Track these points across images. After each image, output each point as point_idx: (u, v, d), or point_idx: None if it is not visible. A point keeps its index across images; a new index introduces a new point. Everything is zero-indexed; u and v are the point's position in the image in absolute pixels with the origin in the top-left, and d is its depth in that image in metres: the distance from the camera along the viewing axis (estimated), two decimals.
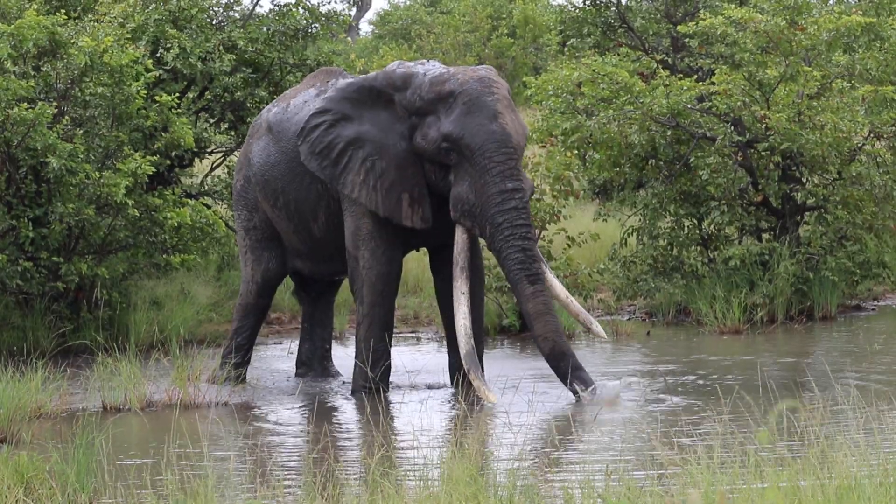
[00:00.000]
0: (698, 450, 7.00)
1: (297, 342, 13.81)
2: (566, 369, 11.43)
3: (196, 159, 17.76)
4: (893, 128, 16.24)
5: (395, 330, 12.53)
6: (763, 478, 6.81)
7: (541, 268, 11.63)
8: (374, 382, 11.87)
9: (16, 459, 8.59)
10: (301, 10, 17.46)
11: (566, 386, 11.42)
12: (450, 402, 11.89)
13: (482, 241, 12.40)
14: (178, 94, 15.73)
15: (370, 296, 12.06)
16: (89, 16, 16.41)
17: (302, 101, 12.70)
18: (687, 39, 17.85)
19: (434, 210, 11.96)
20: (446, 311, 12.36)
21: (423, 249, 12.81)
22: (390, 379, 12.29)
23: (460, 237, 11.85)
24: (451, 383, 12.34)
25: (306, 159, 12.19)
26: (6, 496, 8.09)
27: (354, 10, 43.35)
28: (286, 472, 9.33)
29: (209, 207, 16.77)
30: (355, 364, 12.18)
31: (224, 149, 17.86)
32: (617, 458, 8.68)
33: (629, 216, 17.02)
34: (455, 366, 12.30)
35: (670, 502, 6.55)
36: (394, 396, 11.97)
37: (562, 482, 7.50)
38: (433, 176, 11.92)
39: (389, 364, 12.16)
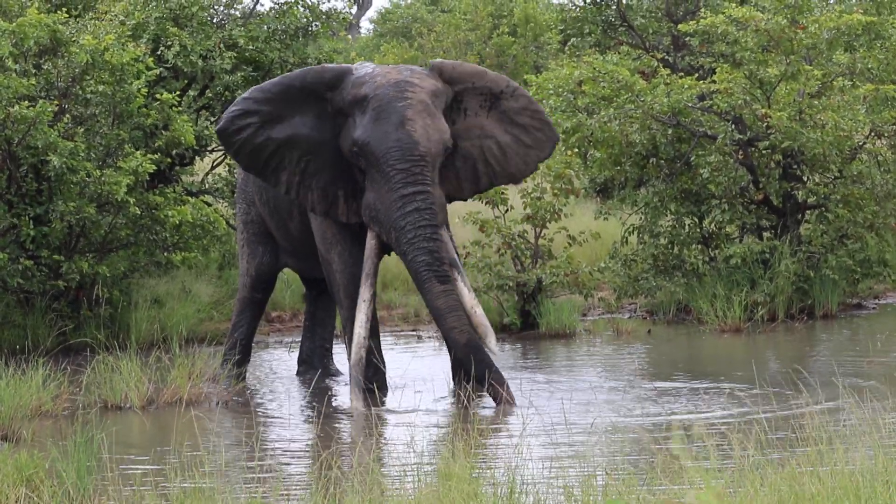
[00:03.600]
0: (696, 449, 7.00)
1: (299, 340, 13.82)
2: (482, 362, 11.17)
3: (197, 157, 17.77)
4: (894, 126, 16.24)
5: (396, 328, 12.51)
6: (763, 478, 6.81)
7: (449, 269, 11.38)
8: (367, 382, 11.84)
9: (16, 457, 8.60)
10: (302, 9, 17.47)
11: (478, 380, 11.16)
12: (450, 400, 11.88)
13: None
14: (178, 93, 15.74)
15: (346, 299, 12.02)
16: (90, 14, 16.42)
17: None
18: (688, 38, 17.85)
19: None
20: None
21: None
22: (388, 377, 12.26)
23: (370, 243, 11.70)
24: (453, 380, 12.33)
25: (230, 153, 12.07)
26: (7, 494, 8.09)
27: (355, 8, 43.36)
28: (286, 471, 9.33)
29: (210, 205, 16.77)
30: (350, 363, 12.16)
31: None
32: (618, 457, 8.68)
33: (630, 215, 17.01)
34: (455, 363, 12.28)
35: (670, 501, 6.55)
36: (393, 395, 11.97)
37: (562, 480, 7.49)
38: (358, 177, 11.79)
39: (382, 360, 12.10)
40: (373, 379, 11.87)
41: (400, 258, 11.70)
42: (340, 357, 13.66)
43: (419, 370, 12.99)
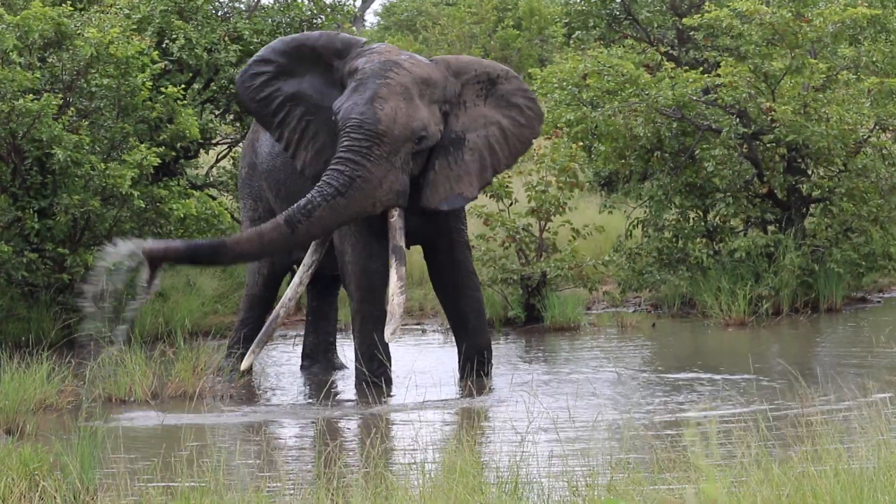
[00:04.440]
0: (701, 445, 7.00)
1: (303, 334, 13.81)
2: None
3: (201, 150, 17.77)
4: None
5: (401, 322, 12.48)
6: (767, 473, 6.81)
7: (303, 225, 11.30)
8: (372, 377, 11.85)
9: (21, 451, 8.61)
10: (306, 2, 17.46)
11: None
12: (455, 394, 11.89)
13: (471, 237, 12.37)
14: (183, 86, 15.73)
15: (357, 292, 12.06)
16: (95, 7, 16.40)
17: None
18: (692, 31, 17.83)
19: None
20: (446, 307, 12.40)
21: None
22: (393, 371, 12.27)
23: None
24: (459, 373, 12.34)
25: (243, 100, 12.23)
26: (11, 488, 8.10)
27: (360, 1, 43.35)
28: (291, 465, 9.34)
29: (214, 199, 16.76)
30: (356, 357, 12.18)
31: (229, 140, 17.86)
32: (622, 452, 8.68)
33: (634, 208, 17.00)
34: (464, 357, 12.30)
35: (673, 496, 6.55)
36: (398, 389, 11.97)
37: (566, 474, 7.49)
38: None
39: (389, 355, 12.12)
40: (378, 373, 11.88)
41: None
42: (344, 351, 13.66)
43: (424, 364, 12.99)
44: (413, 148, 11.59)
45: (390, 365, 12.05)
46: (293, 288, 11.93)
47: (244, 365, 11.88)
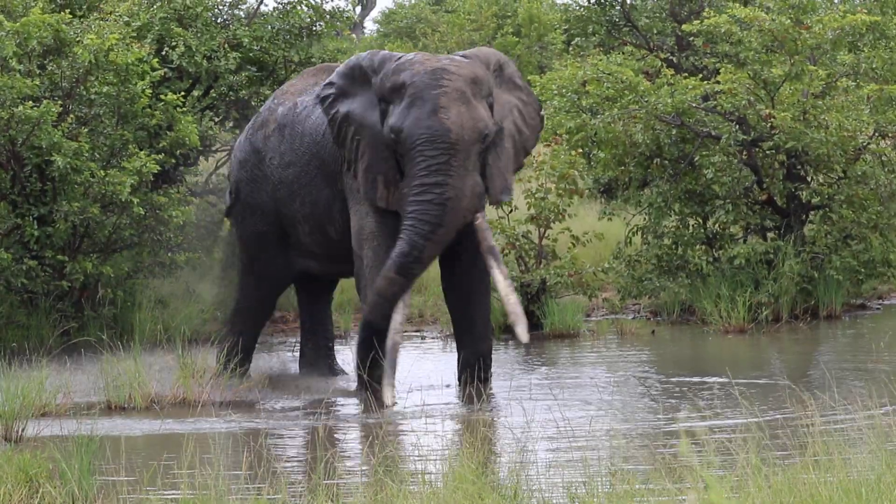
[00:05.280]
0: (700, 453, 6.99)
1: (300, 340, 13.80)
2: (366, 342, 11.61)
3: (201, 157, 17.76)
4: None
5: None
6: (767, 478, 6.80)
7: (419, 269, 11.52)
8: (374, 382, 11.85)
9: (20, 457, 8.60)
10: (306, 8, 17.46)
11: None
12: (454, 400, 11.88)
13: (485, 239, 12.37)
14: (183, 93, 15.73)
15: (372, 297, 12.05)
16: (94, 14, 16.40)
17: (311, 101, 12.66)
18: (692, 38, 17.82)
19: None
20: (454, 312, 12.37)
21: None
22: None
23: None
24: (458, 380, 12.33)
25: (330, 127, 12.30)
26: (11, 494, 8.09)
27: (359, 7, 43.37)
28: (291, 471, 9.33)
29: (214, 206, 16.76)
30: (357, 363, 12.16)
31: (229, 147, 17.84)
32: (622, 459, 8.67)
33: (634, 215, 17.00)
34: (464, 364, 12.29)
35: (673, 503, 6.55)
36: (398, 395, 11.96)
37: (566, 482, 7.49)
38: (401, 164, 11.87)
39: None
40: (381, 380, 11.87)
41: None
42: (343, 356, 13.66)
43: (423, 371, 12.98)
44: (479, 148, 11.69)
45: (395, 373, 12.04)
46: (401, 312, 11.75)
47: (389, 400, 11.54)
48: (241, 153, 13.13)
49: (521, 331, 11.66)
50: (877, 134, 16.34)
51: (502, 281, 11.71)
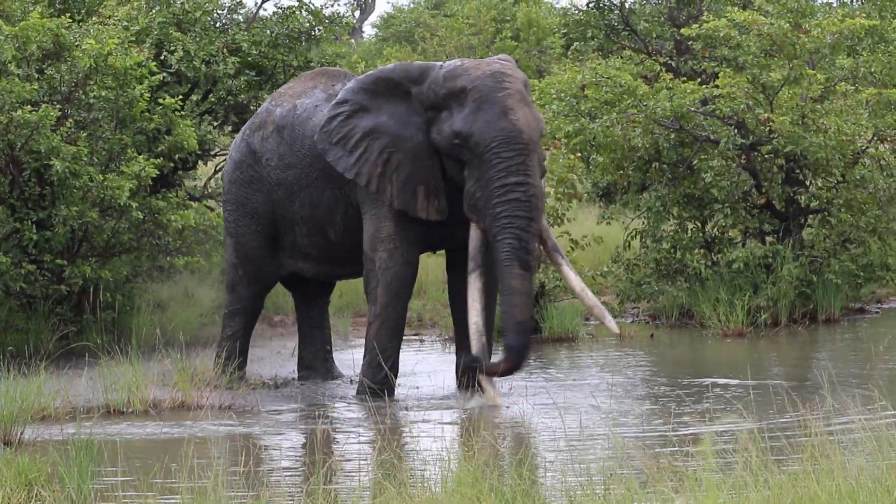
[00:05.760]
0: (697, 454, 6.99)
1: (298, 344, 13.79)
2: (520, 347, 11.44)
3: (200, 162, 17.76)
4: None
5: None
6: (766, 482, 6.80)
7: (534, 260, 11.60)
8: (380, 383, 11.86)
9: (18, 461, 8.59)
10: (304, 13, 17.47)
11: (488, 367, 11.49)
12: (453, 404, 11.88)
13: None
14: (181, 97, 15.73)
15: (384, 296, 12.04)
16: (93, 18, 16.41)
17: (311, 103, 12.65)
18: (690, 42, 17.84)
19: (455, 208, 11.93)
20: (457, 312, 12.39)
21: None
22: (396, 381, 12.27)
23: (474, 234, 11.79)
24: (457, 385, 12.33)
25: (322, 149, 12.18)
26: (9, 498, 8.09)
27: (358, 12, 43.40)
28: (290, 475, 9.33)
29: (213, 210, 16.77)
30: (363, 364, 12.15)
31: (227, 151, 17.85)
32: (620, 463, 8.67)
33: (632, 219, 17.01)
34: (464, 366, 12.31)
35: None
36: (398, 399, 11.96)
37: (564, 485, 7.49)
38: (451, 170, 11.93)
39: (397, 365, 12.14)
40: (381, 381, 11.88)
41: (490, 245, 11.68)
42: (344, 360, 13.65)
43: (422, 374, 12.98)
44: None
45: (396, 377, 12.06)
46: (477, 313, 11.73)
47: (496, 399, 11.58)
48: (237, 154, 13.10)
49: (610, 323, 11.98)
50: (875, 138, 16.35)
51: (574, 278, 11.90)
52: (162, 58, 16.35)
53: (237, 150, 13.13)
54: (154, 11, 16.62)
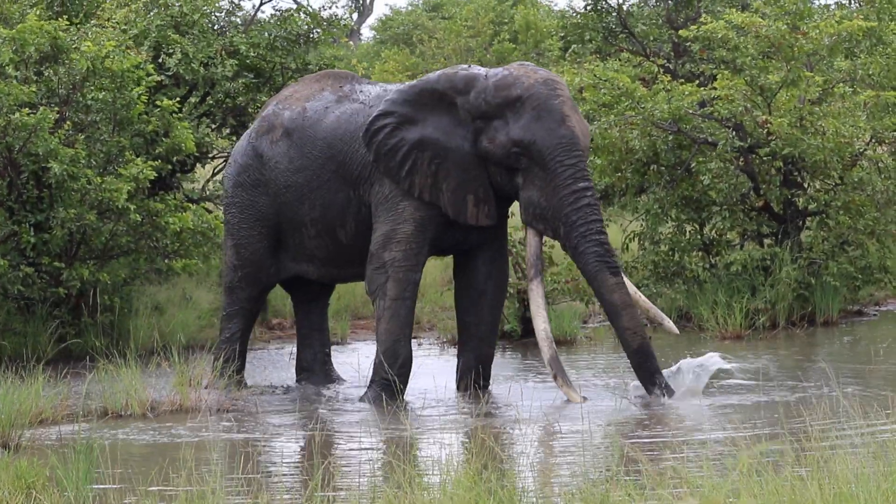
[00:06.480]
0: (698, 455, 7.00)
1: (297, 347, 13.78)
2: (651, 369, 11.68)
3: (198, 164, 17.77)
4: (895, 133, 16.23)
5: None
6: (763, 484, 6.80)
7: (618, 261, 11.88)
8: (393, 374, 11.90)
9: (16, 465, 8.59)
10: (303, 16, 17.48)
11: (645, 385, 11.66)
12: (452, 406, 11.88)
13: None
14: (179, 99, 15.73)
15: (395, 290, 12.05)
16: (91, 21, 16.42)
17: (321, 106, 12.62)
18: (688, 44, 17.85)
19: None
20: (463, 313, 12.42)
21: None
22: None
23: (532, 240, 12.02)
24: (457, 387, 12.34)
25: (375, 161, 12.19)
26: (7, 502, 8.08)
27: (356, 15, 43.41)
28: (288, 479, 9.33)
29: (211, 212, 16.76)
30: (376, 356, 12.18)
31: (226, 154, 17.86)
32: (618, 466, 8.67)
33: (631, 221, 17.00)
34: (464, 368, 12.34)
35: None
36: (397, 401, 11.95)
37: (562, 488, 7.49)
38: (499, 178, 12.03)
39: (410, 357, 12.16)
40: (400, 371, 11.98)
41: (568, 253, 12.01)
42: (342, 363, 13.65)
43: (420, 377, 12.98)
44: None
45: (411, 367, 12.11)
46: (544, 320, 11.94)
47: (578, 398, 11.67)
48: (242, 158, 13.03)
49: (669, 324, 12.22)
50: (873, 140, 16.35)
51: (629, 285, 11.95)
52: (160, 60, 16.36)
53: (242, 153, 13.07)
54: (152, 14, 16.62)
